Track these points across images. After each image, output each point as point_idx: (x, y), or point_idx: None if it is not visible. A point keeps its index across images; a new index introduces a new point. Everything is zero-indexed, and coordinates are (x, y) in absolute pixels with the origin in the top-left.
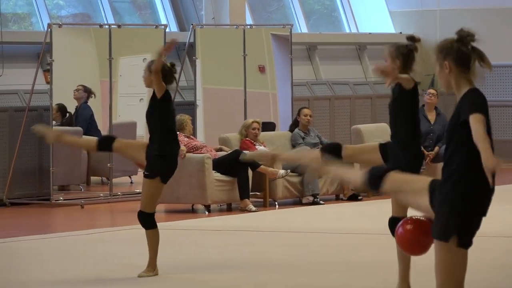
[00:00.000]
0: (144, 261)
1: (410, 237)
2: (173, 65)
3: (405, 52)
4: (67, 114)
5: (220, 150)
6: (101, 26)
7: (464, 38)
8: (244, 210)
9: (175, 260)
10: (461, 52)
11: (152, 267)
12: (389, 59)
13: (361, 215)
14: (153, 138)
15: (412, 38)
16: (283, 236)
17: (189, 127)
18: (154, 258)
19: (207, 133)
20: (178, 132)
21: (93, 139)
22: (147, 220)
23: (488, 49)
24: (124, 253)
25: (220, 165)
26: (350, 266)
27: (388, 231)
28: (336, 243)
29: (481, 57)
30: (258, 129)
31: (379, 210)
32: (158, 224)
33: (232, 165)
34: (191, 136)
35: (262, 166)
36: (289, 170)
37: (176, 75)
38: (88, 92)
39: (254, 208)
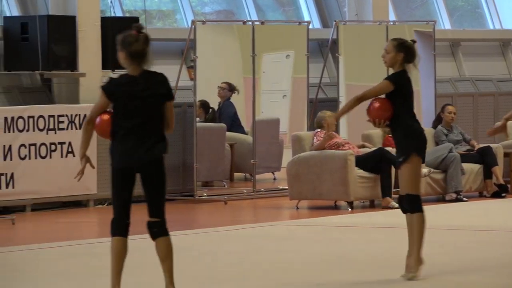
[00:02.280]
0: (288, 257)
1: None
2: (414, 41)
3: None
4: (210, 110)
5: (363, 146)
6: (244, 23)
7: None
8: (386, 207)
9: (322, 256)
10: None
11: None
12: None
13: (505, 212)
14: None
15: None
16: (426, 233)
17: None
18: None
19: (349, 130)
20: (319, 129)
21: None
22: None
23: None
24: (268, 249)
25: (363, 162)
26: (496, 264)
27: None
28: (481, 240)
29: None
30: None
31: None
32: (300, 220)
33: (375, 162)
34: (333, 133)
35: None
36: (432, 169)
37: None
38: (232, 89)
39: (396, 205)
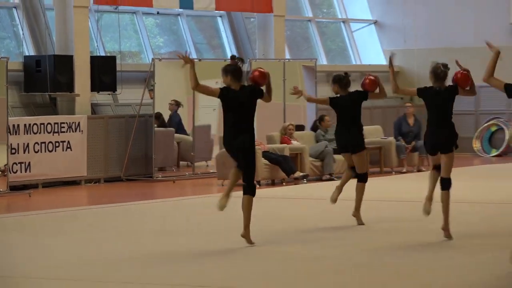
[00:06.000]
0: (216, 219)
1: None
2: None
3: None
4: (163, 119)
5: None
6: None
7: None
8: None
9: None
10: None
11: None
12: None
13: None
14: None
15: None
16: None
17: None
18: None
19: (258, 132)
20: None
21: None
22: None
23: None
24: (203, 213)
25: (267, 155)
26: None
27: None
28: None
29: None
30: (292, 129)
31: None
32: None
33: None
34: None
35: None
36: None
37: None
38: (178, 104)
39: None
